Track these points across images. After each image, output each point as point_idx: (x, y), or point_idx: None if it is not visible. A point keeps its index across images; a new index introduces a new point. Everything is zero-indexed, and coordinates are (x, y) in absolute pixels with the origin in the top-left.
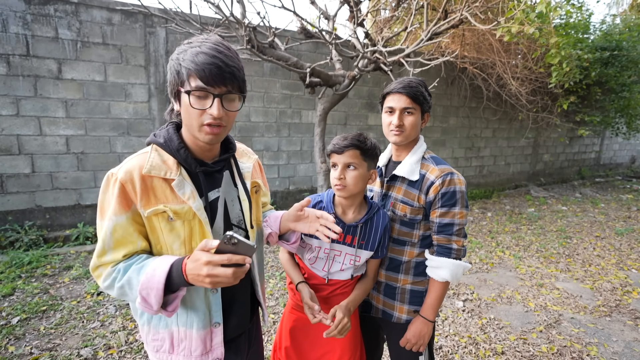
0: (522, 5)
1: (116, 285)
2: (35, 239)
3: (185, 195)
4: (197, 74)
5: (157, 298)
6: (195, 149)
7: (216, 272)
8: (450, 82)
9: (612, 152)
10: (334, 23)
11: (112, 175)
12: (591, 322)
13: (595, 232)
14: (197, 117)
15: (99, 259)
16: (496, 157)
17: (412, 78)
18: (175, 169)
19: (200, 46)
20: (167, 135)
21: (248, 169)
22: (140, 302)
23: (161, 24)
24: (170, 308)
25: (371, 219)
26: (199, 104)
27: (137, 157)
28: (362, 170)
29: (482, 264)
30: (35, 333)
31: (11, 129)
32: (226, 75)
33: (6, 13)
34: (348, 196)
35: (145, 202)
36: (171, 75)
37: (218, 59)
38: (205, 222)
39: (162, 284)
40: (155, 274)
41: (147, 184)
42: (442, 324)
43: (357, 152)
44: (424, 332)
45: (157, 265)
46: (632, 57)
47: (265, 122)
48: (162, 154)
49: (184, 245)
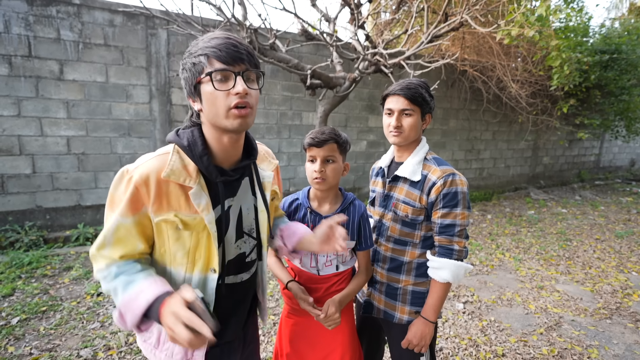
0: (522, 8)
1: (105, 285)
2: (36, 239)
3: (200, 206)
4: (215, 55)
5: (133, 321)
6: (219, 151)
7: (176, 329)
8: (451, 85)
9: (612, 155)
10: (334, 25)
11: (127, 173)
12: (592, 325)
13: (595, 234)
14: (224, 100)
15: (98, 250)
16: (496, 159)
17: (413, 79)
18: (195, 176)
19: (210, 35)
20: (192, 137)
21: (269, 178)
22: (117, 315)
23: (163, 26)
24: (144, 327)
25: (347, 209)
26: (223, 85)
27: (157, 158)
28: (339, 163)
29: (482, 266)
30: (35, 333)
31: (12, 129)
32: (243, 53)
33: (9, 14)
34: (327, 188)
35: (157, 207)
36: (187, 72)
37: (231, 39)
38: (214, 236)
39: (141, 311)
40: (138, 298)
41: (162, 188)
42: (442, 325)
43: (335, 145)
44: (425, 333)
45: (143, 290)
46: (632, 61)
47: (266, 124)
48: (183, 157)
49: (187, 255)
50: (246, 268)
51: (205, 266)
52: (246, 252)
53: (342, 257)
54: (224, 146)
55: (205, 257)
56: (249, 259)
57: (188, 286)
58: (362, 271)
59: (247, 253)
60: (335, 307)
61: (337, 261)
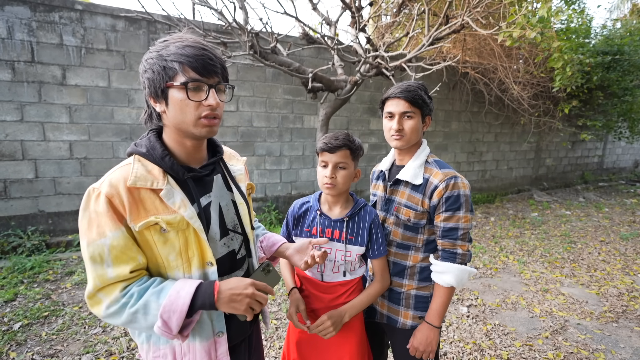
0: (524, 10)
1: (127, 311)
2: (38, 244)
3: (175, 204)
4: (191, 65)
5: (179, 321)
6: (181, 154)
7: (258, 295)
8: (452, 87)
9: (615, 157)
10: (335, 29)
11: (93, 191)
12: (598, 329)
13: (600, 236)
14: (194, 110)
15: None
16: (498, 161)
17: (411, 82)
18: (162, 178)
19: (182, 41)
20: (149, 143)
21: (240, 171)
22: (161, 325)
23: (164, 30)
24: (186, 332)
25: (357, 214)
26: (195, 95)
27: (120, 170)
28: (350, 170)
29: (486, 269)
30: (37, 339)
31: (15, 134)
32: (217, 66)
33: (12, 20)
34: (337, 194)
35: (135, 215)
36: (155, 73)
37: (207, 51)
38: (200, 230)
39: (187, 305)
40: (180, 295)
41: (134, 196)
42: (446, 330)
43: (348, 152)
44: (430, 339)
45: (181, 287)
46: (634, 62)
47: (267, 127)
48: (145, 164)
49: (180, 256)
50: (238, 265)
51: (201, 262)
52: (235, 249)
53: (351, 264)
54: (187, 149)
55: (199, 253)
56: (240, 256)
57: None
58: (377, 280)
59: (237, 250)
60: (333, 318)
61: (344, 266)
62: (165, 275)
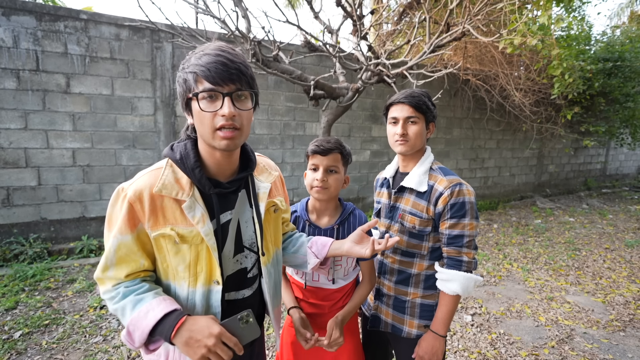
0: (524, 17)
1: (112, 305)
2: (40, 251)
3: (195, 218)
4: (203, 74)
5: (141, 339)
6: (212, 165)
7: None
8: (454, 94)
9: (618, 163)
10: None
11: (122, 191)
12: (605, 338)
13: (605, 243)
14: (210, 121)
15: (103, 272)
16: (501, 168)
17: (415, 89)
18: (188, 189)
19: (203, 50)
20: (185, 150)
21: (265, 189)
22: (125, 334)
23: (168, 39)
24: (152, 347)
25: (347, 220)
26: (209, 106)
27: (150, 174)
28: (341, 175)
29: (490, 277)
30: (37, 348)
31: (19, 142)
32: (232, 72)
33: (18, 30)
34: (327, 199)
35: (153, 222)
36: (180, 86)
37: (222, 57)
38: (213, 248)
39: (149, 328)
40: (148, 316)
41: (156, 203)
42: (450, 339)
43: (339, 155)
44: (436, 348)
45: (152, 307)
46: (636, 68)
47: (269, 134)
48: (176, 171)
49: (188, 269)
50: (248, 284)
51: (208, 279)
52: (247, 267)
53: (345, 269)
54: (217, 160)
55: (207, 269)
56: (251, 275)
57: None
58: (366, 280)
59: (249, 268)
60: (339, 329)
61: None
62: (172, 282)
